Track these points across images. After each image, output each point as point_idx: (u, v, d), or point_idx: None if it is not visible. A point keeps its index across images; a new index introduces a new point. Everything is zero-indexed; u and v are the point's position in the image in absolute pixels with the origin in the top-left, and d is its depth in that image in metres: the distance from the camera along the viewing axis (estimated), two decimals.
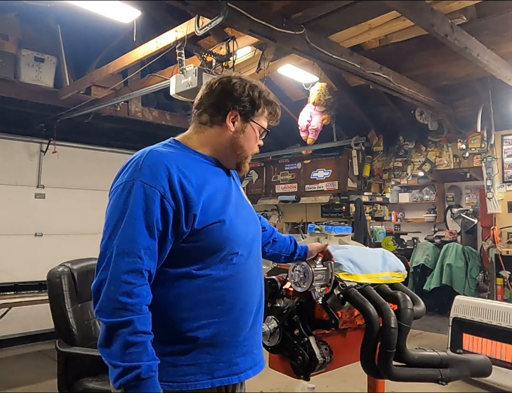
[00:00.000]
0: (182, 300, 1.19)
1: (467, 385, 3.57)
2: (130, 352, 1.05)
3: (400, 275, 1.89)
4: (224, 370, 1.23)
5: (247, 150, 1.36)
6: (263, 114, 1.39)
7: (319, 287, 1.59)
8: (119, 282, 1.08)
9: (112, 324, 1.06)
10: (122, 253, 1.10)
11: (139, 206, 1.13)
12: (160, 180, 1.16)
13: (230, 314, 1.24)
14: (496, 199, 5.04)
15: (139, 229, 1.12)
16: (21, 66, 4.66)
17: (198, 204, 1.19)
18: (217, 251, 1.22)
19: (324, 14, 3.24)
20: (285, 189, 6.83)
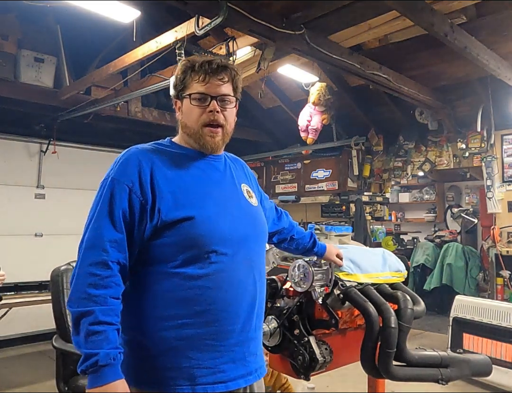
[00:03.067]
0: (157, 298, 1.18)
1: (467, 385, 3.57)
2: (92, 341, 1.07)
3: (400, 274, 1.89)
4: (208, 376, 1.17)
5: (191, 125, 1.29)
6: (194, 82, 1.28)
7: (319, 286, 1.59)
8: (85, 274, 1.12)
9: (76, 313, 1.10)
10: (89, 247, 1.15)
11: (106, 201, 1.17)
12: (130, 175, 1.19)
13: (209, 315, 1.18)
14: (496, 199, 5.04)
15: (104, 223, 1.15)
16: (21, 67, 4.66)
17: (166, 198, 1.19)
18: (190, 248, 1.18)
19: (324, 14, 3.24)
20: (285, 190, 6.83)
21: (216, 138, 1.29)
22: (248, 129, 6.84)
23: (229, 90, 1.31)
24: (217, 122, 1.28)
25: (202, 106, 1.27)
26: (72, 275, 1.17)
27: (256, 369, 1.28)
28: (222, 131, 1.31)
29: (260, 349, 1.33)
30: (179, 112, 1.33)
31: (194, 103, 1.27)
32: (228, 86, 1.30)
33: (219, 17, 2.85)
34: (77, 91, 4.75)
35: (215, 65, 1.27)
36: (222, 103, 1.29)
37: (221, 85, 1.28)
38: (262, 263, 1.36)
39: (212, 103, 1.26)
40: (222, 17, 2.83)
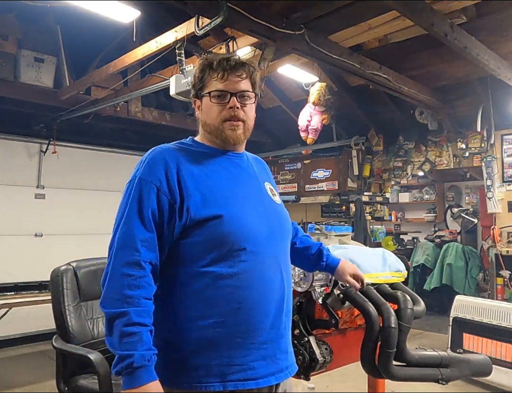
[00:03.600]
0: (188, 298, 1.18)
1: (467, 385, 3.57)
2: (126, 342, 1.08)
3: (400, 274, 1.89)
4: (238, 373, 1.18)
5: (211, 122, 1.29)
6: (212, 80, 1.29)
7: (319, 286, 1.59)
8: (118, 275, 1.12)
9: (110, 314, 1.10)
10: (120, 247, 1.15)
11: (135, 201, 1.18)
12: (157, 174, 1.20)
13: (239, 314, 1.19)
14: (496, 199, 5.04)
15: (135, 223, 1.16)
16: (21, 67, 4.66)
17: (194, 197, 1.19)
18: (219, 246, 1.19)
19: (324, 14, 3.24)
20: (285, 189, 6.83)
21: (238, 131, 1.29)
22: None
23: (247, 86, 1.31)
24: (238, 118, 1.29)
25: (222, 103, 1.28)
26: (104, 275, 1.16)
27: (287, 367, 1.28)
28: (243, 126, 1.31)
29: (291, 347, 1.34)
30: (199, 111, 1.34)
31: (214, 100, 1.28)
32: (246, 82, 1.31)
33: (219, 17, 2.85)
34: (77, 91, 4.75)
35: (233, 62, 1.29)
36: (242, 99, 1.30)
37: (239, 81, 1.29)
38: (288, 260, 1.36)
39: (232, 100, 1.28)
40: (222, 17, 2.83)
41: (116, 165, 5.85)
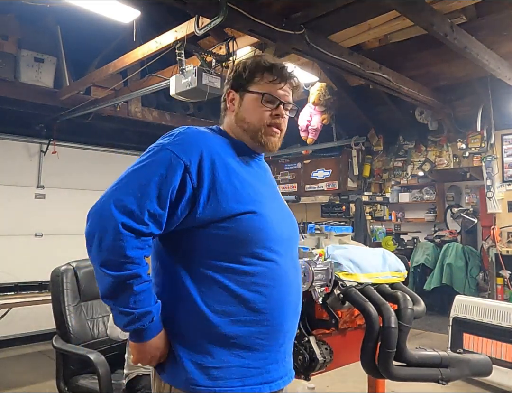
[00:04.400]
0: (213, 292, 1.14)
1: (467, 385, 3.57)
2: (141, 300, 1.09)
3: (400, 274, 1.89)
4: (256, 377, 1.15)
5: (252, 121, 1.28)
6: (263, 81, 1.29)
7: (319, 286, 1.59)
8: (123, 237, 1.08)
9: (120, 277, 1.08)
10: (125, 211, 1.09)
11: (158, 172, 1.12)
12: (190, 154, 1.15)
13: (262, 314, 1.16)
14: (496, 199, 5.04)
15: (151, 195, 1.11)
16: (21, 67, 4.66)
17: (226, 189, 1.15)
18: (247, 242, 1.16)
19: (324, 14, 3.24)
20: (285, 189, 6.83)
21: (276, 138, 1.31)
22: None
23: (291, 99, 1.36)
24: (279, 126, 1.31)
25: (269, 107, 1.29)
26: (92, 229, 1.11)
27: (290, 370, 1.28)
28: (280, 135, 1.33)
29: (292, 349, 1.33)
30: (232, 103, 1.31)
31: (264, 103, 1.28)
32: (291, 95, 1.36)
33: (219, 17, 2.85)
34: (77, 91, 4.75)
35: (292, 73, 1.34)
36: (286, 110, 1.33)
37: (289, 93, 1.35)
38: (299, 264, 1.40)
39: (280, 108, 1.30)
40: (222, 17, 2.83)
41: (116, 165, 5.84)
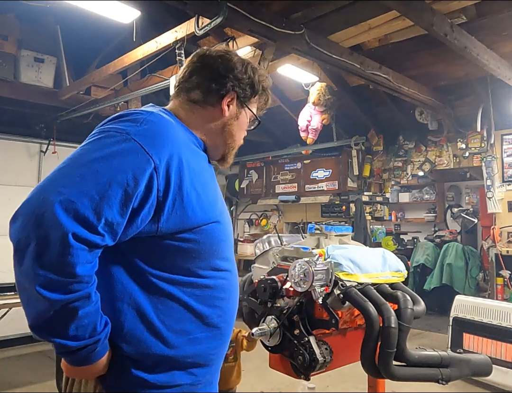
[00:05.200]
0: (171, 310, 1.01)
1: (467, 385, 3.57)
2: (83, 326, 0.89)
3: (400, 274, 1.89)
4: (201, 390, 1.08)
5: (237, 140, 1.20)
6: (256, 102, 1.22)
7: (319, 286, 1.58)
8: (73, 250, 0.84)
9: (64, 300, 0.86)
10: (77, 217, 0.85)
11: (124, 170, 0.90)
12: (160, 151, 0.95)
13: (219, 328, 1.09)
14: (496, 199, 5.04)
15: (111, 199, 0.88)
16: (21, 67, 4.67)
17: (191, 196, 1.00)
18: (210, 255, 1.05)
19: (324, 14, 3.24)
20: (285, 189, 6.83)
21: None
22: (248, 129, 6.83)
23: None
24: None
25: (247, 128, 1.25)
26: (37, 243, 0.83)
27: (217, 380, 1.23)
28: None
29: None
30: (226, 107, 1.15)
31: (249, 123, 1.24)
32: None
33: (219, 17, 2.85)
34: (77, 91, 4.76)
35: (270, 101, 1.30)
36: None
37: None
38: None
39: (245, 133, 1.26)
40: (222, 17, 2.83)
41: None
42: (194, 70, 1.15)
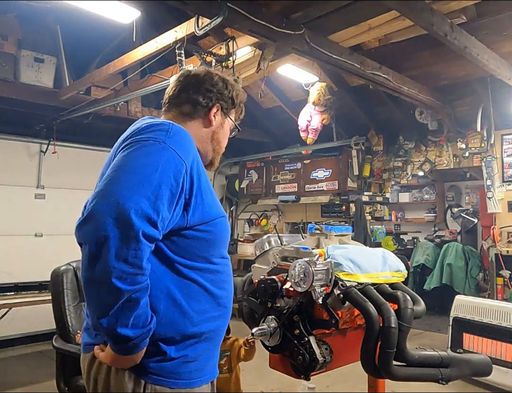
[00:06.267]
0: (193, 292, 1.17)
1: (467, 385, 3.57)
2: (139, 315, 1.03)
3: (400, 274, 1.89)
4: (213, 366, 1.26)
5: (222, 146, 1.40)
6: (234, 114, 1.43)
7: (319, 286, 1.58)
8: (142, 246, 1.00)
9: (132, 290, 0.99)
10: (143, 216, 1.01)
11: (168, 174, 1.07)
12: (187, 156, 1.15)
13: (226, 307, 1.27)
14: (496, 198, 5.04)
15: (163, 198, 1.05)
16: (21, 67, 4.67)
17: (206, 193, 1.19)
18: (220, 244, 1.25)
19: (324, 14, 3.24)
20: (285, 189, 6.83)
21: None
22: (248, 129, 6.84)
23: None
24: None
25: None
26: (115, 240, 0.97)
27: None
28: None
29: None
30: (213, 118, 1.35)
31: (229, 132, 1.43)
32: None
33: (219, 17, 2.85)
34: (77, 91, 4.76)
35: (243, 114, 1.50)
36: None
37: None
38: None
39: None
40: (222, 17, 2.83)
41: None
42: (182, 88, 1.34)
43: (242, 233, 7.93)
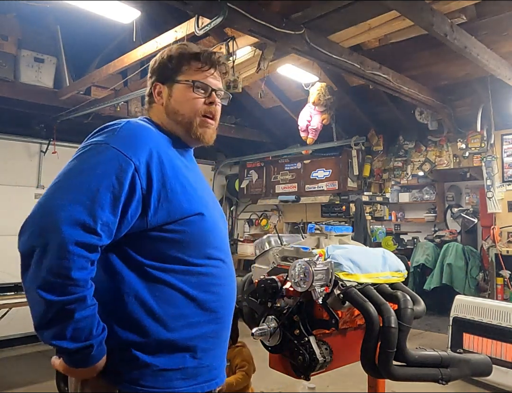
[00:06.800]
0: (168, 296, 1.09)
1: (467, 385, 3.57)
2: (80, 328, 0.97)
3: (400, 274, 1.89)
4: (205, 375, 1.14)
5: (186, 113, 1.22)
6: (191, 70, 1.23)
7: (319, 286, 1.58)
8: (69, 255, 0.95)
9: (61, 302, 0.95)
10: (76, 223, 0.96)
11: (108, 176, 1.02)
12: (138, 153, 1.06)
13: (216, 312, 1.17)
14: (496, 198, 5.04)
15: (102, 202, 1.00)
16: (21, 67, 4.67)
17: (175, 190, 1.10)
18: (200, 244, 1.14)
19: (324, 14, 3.24)
20: (285, 189, 6.83)
21: (211, 130, 1.26)
22: (248, 129, 6.84)
23: (222, 86, 1.30)
24: (214, 115, 1.26)
25: (202, 96, 1.23)
26: (29, 245, 0.98)
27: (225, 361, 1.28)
28: (215, 126, 1.28)
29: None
30: (159, 97, 1.24)
31: (196, 91, 1.22)
32: (221, 82, 1.30)
33: (219, 17, 2.85)
34: (77, 92, 4.76)
35: (220, 59, 1.27)
36: (218, 98, 1.28)
37: (220, 79, 1.29)
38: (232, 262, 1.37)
39: (213, 95, 1.24)
40: (222, 17, 2.83)
41: None
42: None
43: (242, 233, 7.93)
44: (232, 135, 6.58)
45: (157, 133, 1.18)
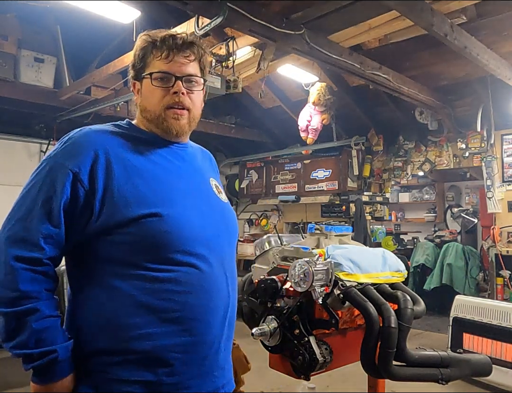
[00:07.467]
0: (118, 303, 1.02)
1: (467, 385, 3.57)
2: (43, 338, 0.97)
3: (400, 274, 1.89)
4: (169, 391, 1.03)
5: (150, 108, 1.14)
6: (156, 60, 1.14)
7: (319, 286, 1.58)
8: (13, 270, 0.97)
9: (13, 314, 0.96)
10: (16, 240, 0.99)
11: (43, 190, 1.02)
12: (79, 159, 1.03)
13: (179, 324, 1.04)
14: (496, 199, 5.04)
15: (40, 216, 1.00)
16: (21, 67, 4.67)
17: (124, 191, 1.04)
18: (156, 248, 1.04)
19: (324, 14, 3.24)
20: (285, 189, 6.83)
21: (182, 121, 1.14)
22: (248, 129, 6.84)
23: (195, 70, 1.16)
24: (183, 105, 1.14)
25: (165, 87, 1.13)
26: None
27: (224, 385, 1.15)
28: (189, 115, 1.16)
29: (229, 362, 1.20)
30: (138, 95, 1.20)
31: (156, 83, 1.13)
32: (194, 66, 1.16)
33: (219, 17, 2.86)
34: (77, 91, 4.76)
35: (180, 40, 1.13)
36: (188, 85, 1.15)
37: (187, 63, 1.14)
38: (234, 266, 1.23)
39: (176, 84, 1.12)
40: (222, 17, 2.83)
41: None
42: None
43: (242, 233, 7.93)
44: (232, 135, 6.58)
45: (111, 136, 1.12)
